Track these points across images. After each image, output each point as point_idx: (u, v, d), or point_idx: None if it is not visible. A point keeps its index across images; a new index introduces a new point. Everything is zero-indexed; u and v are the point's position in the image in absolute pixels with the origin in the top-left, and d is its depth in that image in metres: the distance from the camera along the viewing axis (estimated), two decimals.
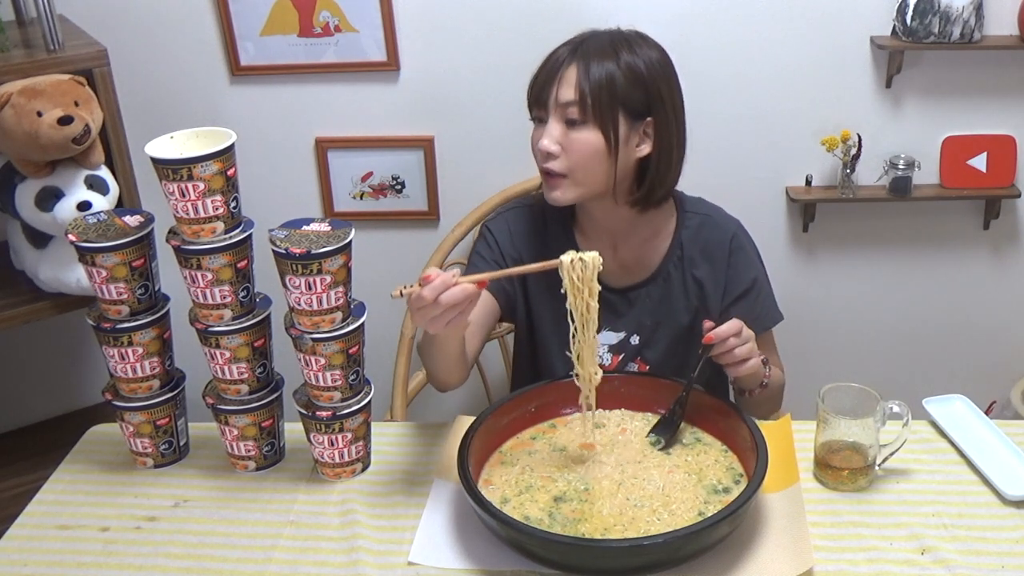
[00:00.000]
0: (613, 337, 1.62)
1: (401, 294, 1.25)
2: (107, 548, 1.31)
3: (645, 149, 1.48)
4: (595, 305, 1.30)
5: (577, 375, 1.36)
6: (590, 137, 1.45)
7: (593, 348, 1.33)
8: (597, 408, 1.39)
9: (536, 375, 1.65)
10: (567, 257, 1.28)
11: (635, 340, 1.62)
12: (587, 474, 1.34)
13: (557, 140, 1.46)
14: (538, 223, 1.64)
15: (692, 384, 1.41)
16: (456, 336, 1.42)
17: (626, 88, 1.44)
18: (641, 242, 1.60)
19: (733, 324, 1.40)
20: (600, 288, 1.31)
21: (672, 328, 1.60)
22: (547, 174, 1.49)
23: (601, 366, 1.54)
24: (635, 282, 1.60)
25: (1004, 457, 1.39)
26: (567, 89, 1.44)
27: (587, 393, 1.36)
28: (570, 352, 1.34)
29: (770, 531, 1.25)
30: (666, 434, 1.40)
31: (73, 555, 1.30)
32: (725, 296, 1.60)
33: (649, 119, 1.47)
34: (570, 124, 1.45)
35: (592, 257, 1.28)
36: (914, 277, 2.30)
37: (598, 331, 1.58)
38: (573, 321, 1.31)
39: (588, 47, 1.47)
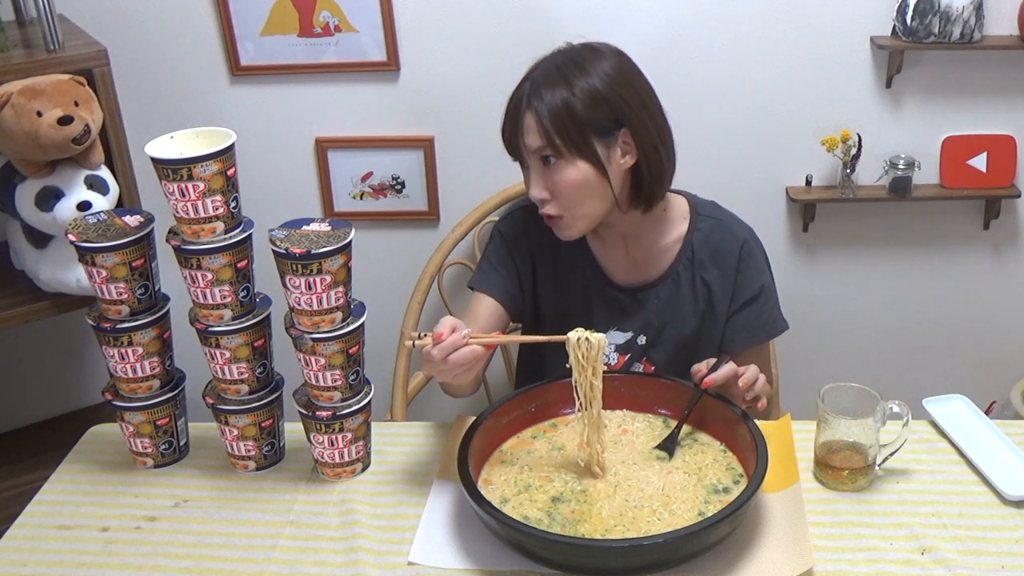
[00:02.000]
0: (620, 337, 1.62)
1: (414, 345, 1.30)
2: (107, 548, 1.31)
3: (631, 159, 1.47)
4: (599, 385, 1.32)
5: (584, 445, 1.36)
6: (572, 173, 1.44)
7: (598, 426, 1.34)
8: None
9: (542, 372, 1.64)
10: (574, 335, 1.31)
11: (642, 340, 1.61)
12: (584, 475, 1.34)
13: (543, 186, 1.46)
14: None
15: (688, 415, 1.40)
16: (466, 379, 1.41)
17: (587, 113, 1.42)
18: (652, 242, 1.60)
19: (729, 368, 1.40)
20: (611, 290, 1.32)
21: (679, 330, 1.60)
22: (546, 216, 1.50)
23: (607, 365, 1.55)
24: (645, 282, 1.60)
25: (1004, 457, 1.39)
26: (532, 136, 1.44)
27: (593, 468, 1.35)
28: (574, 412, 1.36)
29: (770, 531, 1.25)
30: (671, 448, 1.39)
31: (73, 555, 1.30)
32: (732, 301, 1.59)
33: (623, 129, 1.45)
34: (548, 164, 1.45)
35: (598, 339, 1.30)
36: (914, 277, 2.30)
37: (605, 330, 1.58)
38: (579, 397, 1.33)
39: (538, 84, 1.44)
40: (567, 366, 1.33)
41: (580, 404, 1.34)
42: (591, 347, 1.31)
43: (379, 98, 2.14)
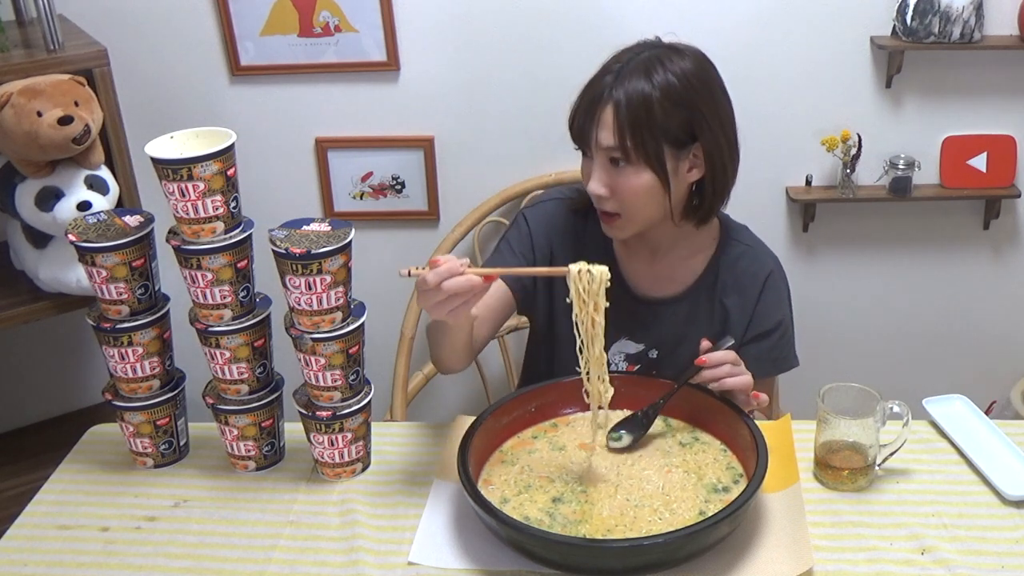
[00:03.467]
0: (632, 347, 1.60)
1: (410, 274, 1.26)
2: (107, 548, 1.31)
3: (696, 174, 1.45)
4: (600, 321, 1.27)
5: (587, 392, 1.33)
6: (638, 177, 1.41)
7: (601, 364, 1.30)
8: (601, 409, 1.37)
9: (551, 370, 1.63)
10: (575, 267, 1.26)
11: (653, 354, 1.60)
12: (584, 476, 1.34)
13: (605, 183, 1.43)
14: (578, 221, 1.60)
15: (674, 392, 1.40)
16: (463, 326, 1.41)
17: (665, 119, 1.39)
18: (679, 257, 1.57)
19: (728, 353, 1.39)
20: (629, 300, 1.32)
21: (692, 349, 1.52)
22: (602, 212, 1.47)
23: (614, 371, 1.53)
24: (664, 296, 1.58)
25: (1004, 457, 1.39)
26: (606, 133, 1.40)
27: (595, 411, 1.35)
28: (578, 367, 1.32)
29: (770, 531, 1.25)
30: (635, 432, 1.39)
31: (73, 555, 1.30)
32: (748, 330, 1.57)
33: (696, 143, 1.42)
34: (615, 163, 1.42)
35: (600, 271, 1.26)
36: (914, 277, 2.30)
37: (617, 339, 1.58)
38: (579, 334, 1.29)
39: (623, 80, 1.39)
40: (567, 300, 1.27)
41: (581, 342, 1.29)
42: (592, 279, 1.25)
43: (379, 98, 2.14)
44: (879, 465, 1.36)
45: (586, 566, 1.20)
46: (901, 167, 2.10)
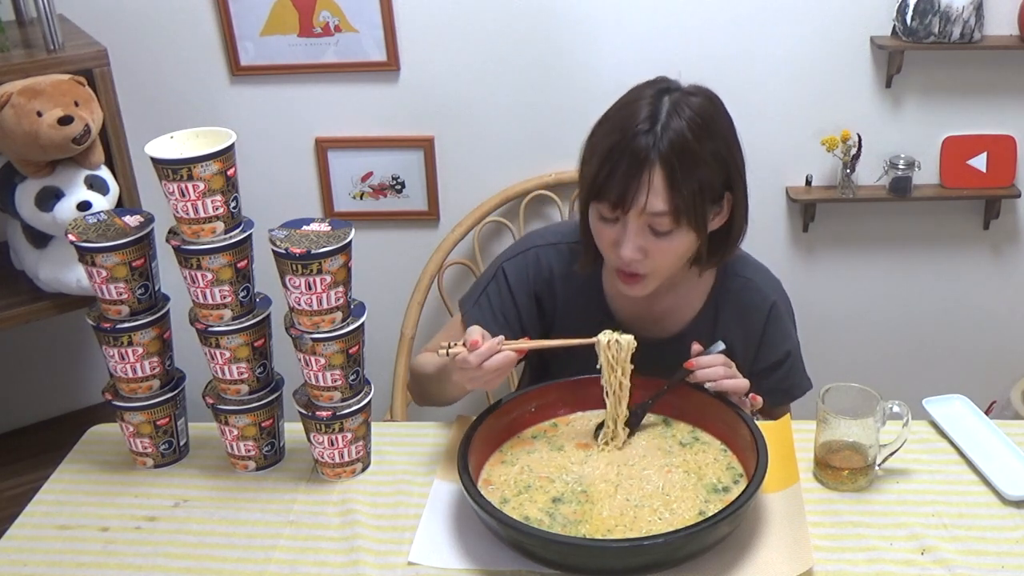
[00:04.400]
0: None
1: (447, 354, 1.33)
2: (107, 548, 1.31)
3: (720, 221, 1.41)
4: (627, 384, 1.37)
5: (605, 438, 1.39)
6: (681, 240, 1.35)
7: (623, 417, 1.38)
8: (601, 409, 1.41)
9: (549, 372, 1.62)
10: (604, 338, 1.34)
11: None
12: (584, 476, 1.34)
13: (640, 247, 1.35)
14: (562, 264, 1.53)
15: (662, 394, 1.41)
16: (495, 384, 1.39)
17: (712, 177, 1.34)
18: (678, 296, 1.52)
19: (719, 357, 1.38)
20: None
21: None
22: (625, 273, 1.40)
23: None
24: (661, 337, 1.52)
25: (1004, 457, 1.39)
26: (657, 200, 1.29)
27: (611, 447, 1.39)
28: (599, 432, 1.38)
29: (770, 531, 1.25)
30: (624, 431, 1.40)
31: (73, 555, 1.30)
32: (755, 363, 1.54)
33: (727, 193, 1.39)
34: (655, 230, 1.34)
35: (627, 340, 1.34)
36: (914, 277, 2.30)
37: None
38: (607, 397, 1.37)
39: (672, 142, 1.29)
40: (597, 367, 1.36)
41: (609, 402, 1.38)
42: (620, 348, 1.34)
43: (379, 98, 2.14)
44: (879, 465, 1.36)
45: (586, 566, 1.20)
46: (901, 167, 2.11)
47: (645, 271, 1.39)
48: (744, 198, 1.42)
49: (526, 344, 1.37)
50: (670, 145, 1.29)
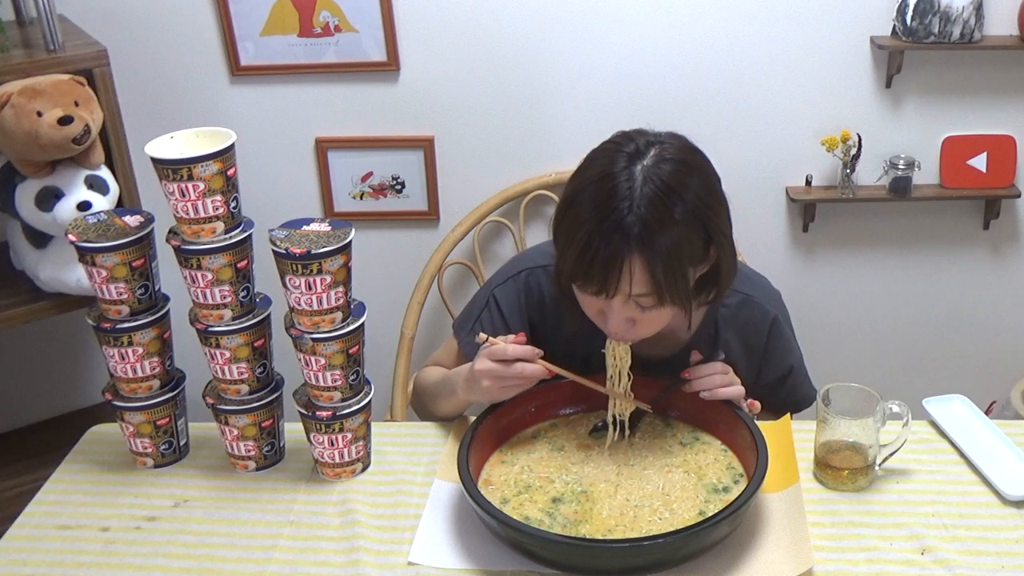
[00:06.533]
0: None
1: (487, 340, 1.32)
2: (107, 548, 1.31)
3: (705, 267, 1.34)
4: (628, 383, 1.40)
5: (605, 438, 1.40)
6: (664, 314, 1.32)
7: (624, 417, 1.40)
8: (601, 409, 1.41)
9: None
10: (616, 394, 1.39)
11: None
12: (584, 476, 1.34)
13: (626, 320, 1.32)
14: (553, 288, 1.47)
15: (662, 396, 1.41)
16: (508, 395, 1.38)
17: (692, 249, 1.28)
18: (674, 319, 1.45)
19: (716, 364, 1.38)
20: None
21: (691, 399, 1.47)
22: (616, 335, 1.37)
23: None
24: (658, 357, 1.48)
25: (1004, 457, 1.39)
26: (639, 284, 1.25)
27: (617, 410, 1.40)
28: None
29: (770, 531, 1.25)
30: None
31: (73, 555, 1.30)
32: (759, 379, 1.52)
33: (711, 247, 1.31)
34: (641, 305, 1.30)
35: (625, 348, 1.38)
36: (914, 277, 2.30)
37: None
38: (608, 396, 1.39)
39: (646, 225, 1.22)
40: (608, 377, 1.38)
41: (609, 402, 1.40)
42: (625, 351, 1.37)
43: (379, 98, 2.14)
44: (879, 465, 1.36)
45: (586, 566, 1.20)
46: (901, 167, 2.11)
47: (634, 337, 1.36)
48: (730, 247, 1.34)
49: (561, 371, 1.35)
50: (647, 229, 1.22)
